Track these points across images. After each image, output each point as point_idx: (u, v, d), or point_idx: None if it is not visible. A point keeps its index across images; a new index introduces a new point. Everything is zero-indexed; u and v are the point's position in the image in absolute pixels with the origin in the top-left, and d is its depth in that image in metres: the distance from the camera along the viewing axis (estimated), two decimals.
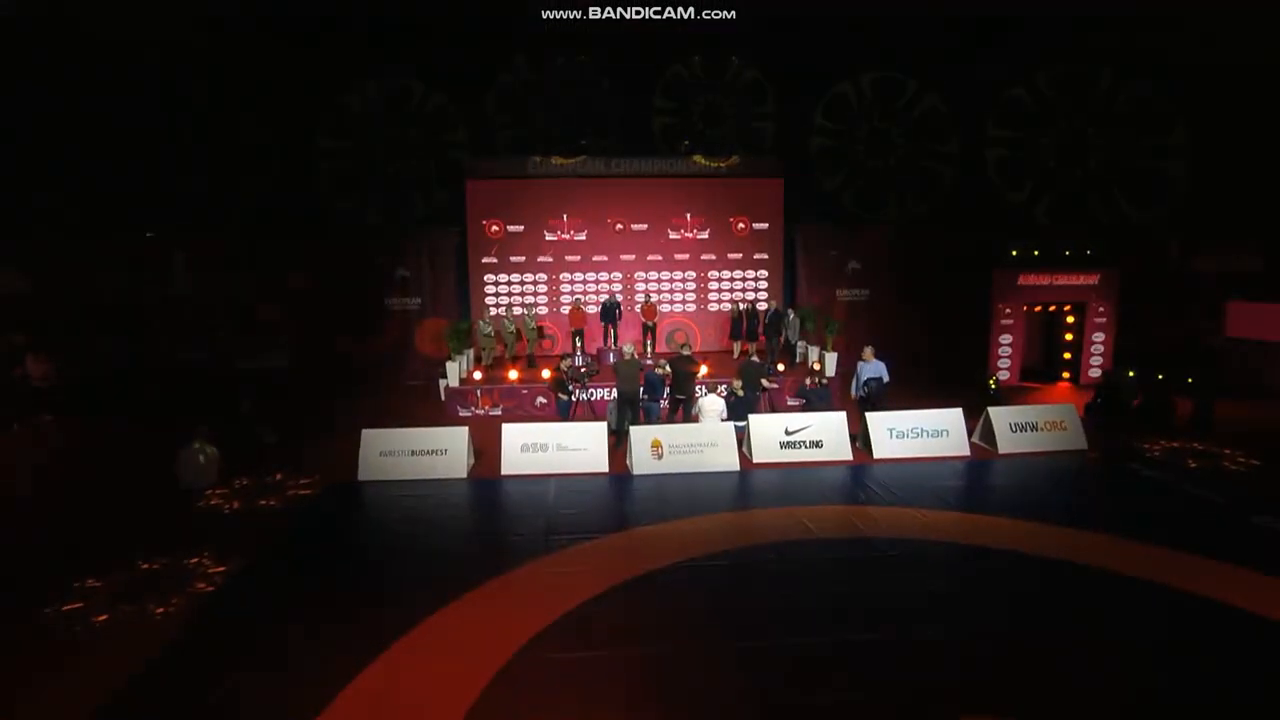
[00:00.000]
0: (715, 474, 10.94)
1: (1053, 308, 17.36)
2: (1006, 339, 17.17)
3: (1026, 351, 17.63)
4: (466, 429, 11.42)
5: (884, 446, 11.53)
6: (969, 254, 17.62)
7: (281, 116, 18.04)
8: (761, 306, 17.66)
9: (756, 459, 11.39)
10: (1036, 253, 17.28)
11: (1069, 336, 17.36)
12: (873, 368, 12.46)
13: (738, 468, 11.08)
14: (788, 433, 11.53)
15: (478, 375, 15.88)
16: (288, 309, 18.01)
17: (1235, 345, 16.82)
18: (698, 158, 18.31)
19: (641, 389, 12.51)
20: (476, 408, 15.44)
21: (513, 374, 15.84)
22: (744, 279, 18.83)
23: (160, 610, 7.24)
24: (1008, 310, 17.05)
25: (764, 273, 18.81)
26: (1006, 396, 15.85)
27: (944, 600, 7.26)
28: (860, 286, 18.75)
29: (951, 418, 11.79)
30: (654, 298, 18.23)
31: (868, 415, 11.81)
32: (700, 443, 11.14)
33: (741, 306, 17.32)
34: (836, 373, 15.98)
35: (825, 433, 11.57)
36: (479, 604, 7.33)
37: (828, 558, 8.19)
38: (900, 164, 19.03)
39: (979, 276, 17.25)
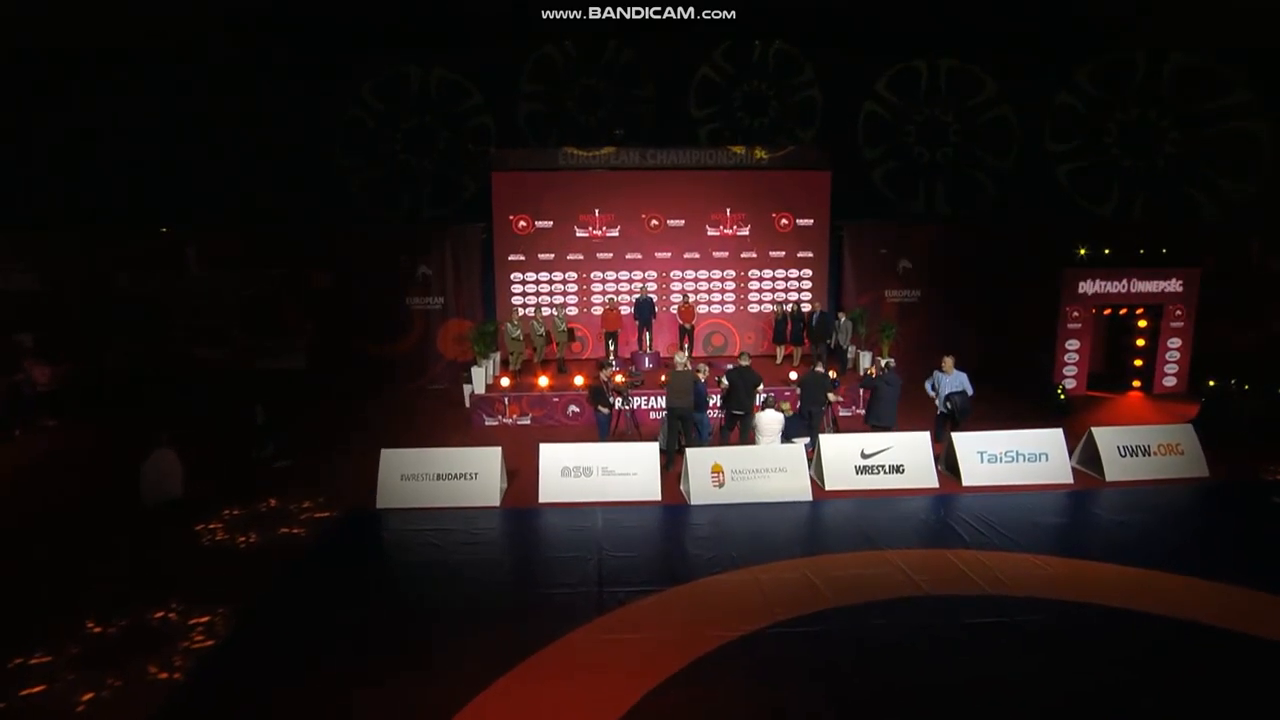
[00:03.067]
0: (785, 505, 9.18)
1: (1123, 310, 15.48)
2: (1074, 344, 15.33)
3: (1092, 358, 15.77)
4: (499, 450, 9.70)
5: (974, 472, 9.75)
6: (1031, 252, 15.80)
7: (298, 110, 16.48)
8: (806, 308, 15.91)
9: (829, 486, 9.64)
10: (1107, 251, 15.43)
11: (1141, 342, 15.49)
12: (954, 380, 10.69)
13: (810, 497, 9.34)
14: (864, 455, 9.79)
15: (505, 381, 14.19)
16: (305, 308, 16.41)
17: None
18: (758, 151, 16.49)
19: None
20: (504, 416, 13.80)
21: (543, 380, 14.17)
22: (786, 278, 17.03)
23: (107, 688, 5.59)
24: (1075, 313, 15.21)
25: (808, 271, 17.00)
26: (1076, 407, 14.12)
27: (1127, 694, 5.52)
28: (911, 287, 16.92)
29: (1051, 439, 9.97)
30: (691, 298, 16.47)
31: (954, 436, 10.04)
32: (767, 467, 9.40)
33: (787, 308, 15.59)
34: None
35: (907, 455, 9.81)
36: (525, 687, 5.66)
37: (951, 624, 6.46)
38: (946, 162, 17.24)
39: (1042, 277, 15.43)
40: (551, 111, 17.11)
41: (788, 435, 10.57)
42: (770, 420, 10.28)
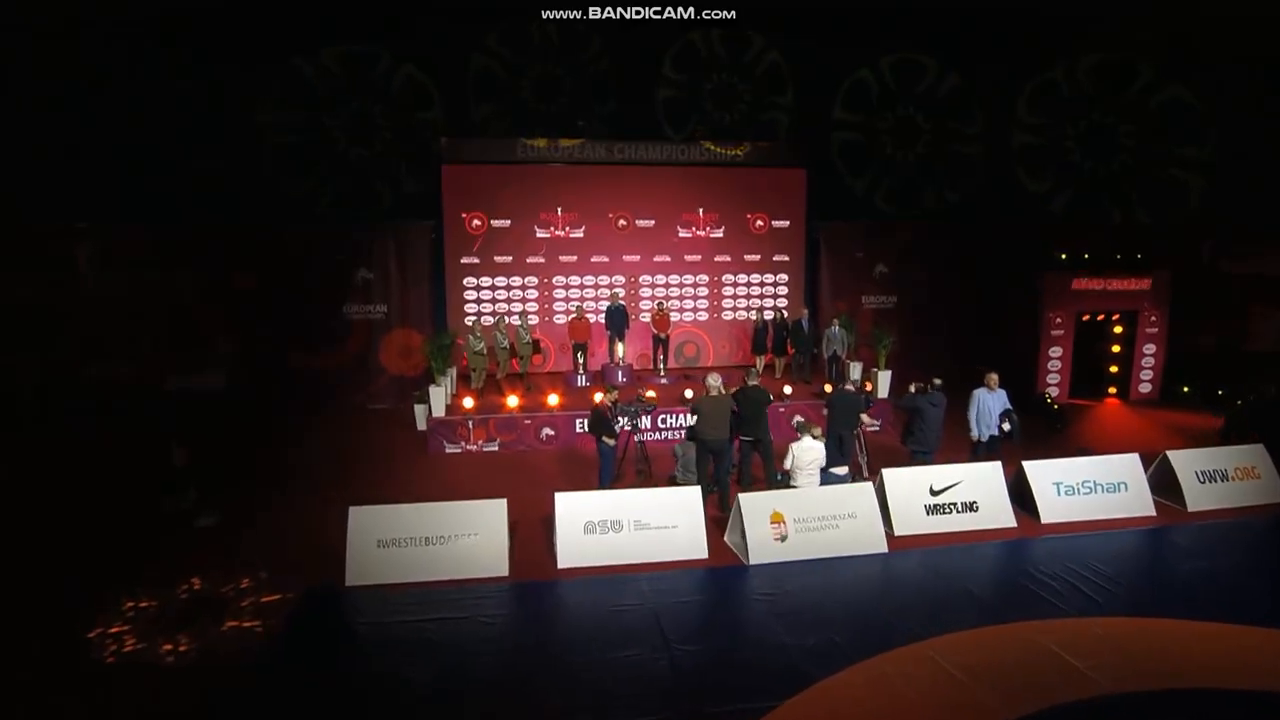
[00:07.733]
0: (859, 559, 7.20)
1: (1100, 317, 14.49)
2: (1056, 351, 14.23)
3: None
4: (504, 503, 7.25)
5: (1052, 507, 8.10)
6: (1011, 257, 14.62)
7: (221, 88, 13.33)
8: (786, 314, 14.15)
9: (899, 531, 7.72)
10: (1086, 255, 14.39)
11: (1116, 348, 14.56)
12: (999, 398, 9.09)
13: (885, 548, 7.40)
14: (933, 492, 7.95)
15: (468, 402, 11.61)
16: (226, 317, 13.22)
17: None
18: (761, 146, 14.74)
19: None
20: (467, 442, 11.30)
21: (512, 400, 11.75)
22: (762, 283, 15.18)
23: None
24: (1058, 319, 14.10)
25: (784, 276, 15.21)
26: (1069, 417, 12.96)
27: None
28: (887, 293, 15.44)
29: (1128, 466, 8.42)
30: (665, 304, 14.33)
31: (1025, 466, 8.35)
32: (835, 514, 7.39)
33: (767, 315, 13.78)
34: (890, 395, 12.61)
35: (978, 490, 8.04)
36: None
37: None
38: (912, 165, 15.97)
39: (1022, 281, 14.27)
40: (508, 111, 14.71)
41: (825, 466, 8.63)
42: (808, 450, 8.21)
